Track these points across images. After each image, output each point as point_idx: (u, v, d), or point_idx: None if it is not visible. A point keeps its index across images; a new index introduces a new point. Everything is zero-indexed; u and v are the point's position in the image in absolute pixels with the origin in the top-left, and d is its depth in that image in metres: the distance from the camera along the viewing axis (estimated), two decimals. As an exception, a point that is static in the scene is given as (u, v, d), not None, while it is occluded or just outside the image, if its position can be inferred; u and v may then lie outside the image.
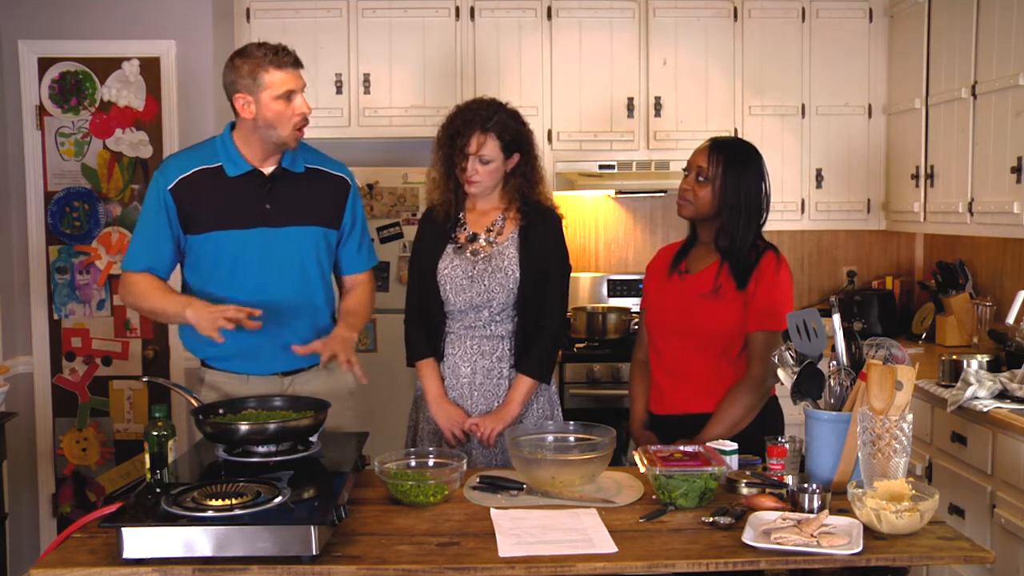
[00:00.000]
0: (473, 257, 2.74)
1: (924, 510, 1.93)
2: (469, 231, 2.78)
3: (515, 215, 2.78)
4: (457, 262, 2.74)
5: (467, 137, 2.67)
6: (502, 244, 2.75)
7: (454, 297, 2.74)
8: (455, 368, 2.78)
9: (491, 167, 2.70)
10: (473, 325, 2.76)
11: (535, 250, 2.74)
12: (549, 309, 2.77)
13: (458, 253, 2.75)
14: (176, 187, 2.54)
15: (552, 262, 2.77)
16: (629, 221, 4.75)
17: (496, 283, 2.71)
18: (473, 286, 2.72)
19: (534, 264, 2.73)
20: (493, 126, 2.67)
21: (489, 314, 2.74)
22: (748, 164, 2.61)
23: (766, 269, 2.57)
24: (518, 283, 2.72)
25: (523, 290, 2.73)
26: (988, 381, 3.06)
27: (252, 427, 2.21)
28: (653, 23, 4.32)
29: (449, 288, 2.74)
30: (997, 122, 3.49)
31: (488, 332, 2.76)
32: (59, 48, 3.97)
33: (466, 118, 2.69)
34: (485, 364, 2.76)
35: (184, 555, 1.80)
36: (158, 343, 4.06)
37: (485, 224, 2.78)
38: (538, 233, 2.76)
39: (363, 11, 4.26)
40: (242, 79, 2.50)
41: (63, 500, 4.08)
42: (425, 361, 2.78)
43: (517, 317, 2.76)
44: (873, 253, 4.80)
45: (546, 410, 2.81)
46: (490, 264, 2.73)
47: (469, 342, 2.77)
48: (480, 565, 1.82)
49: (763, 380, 2.53)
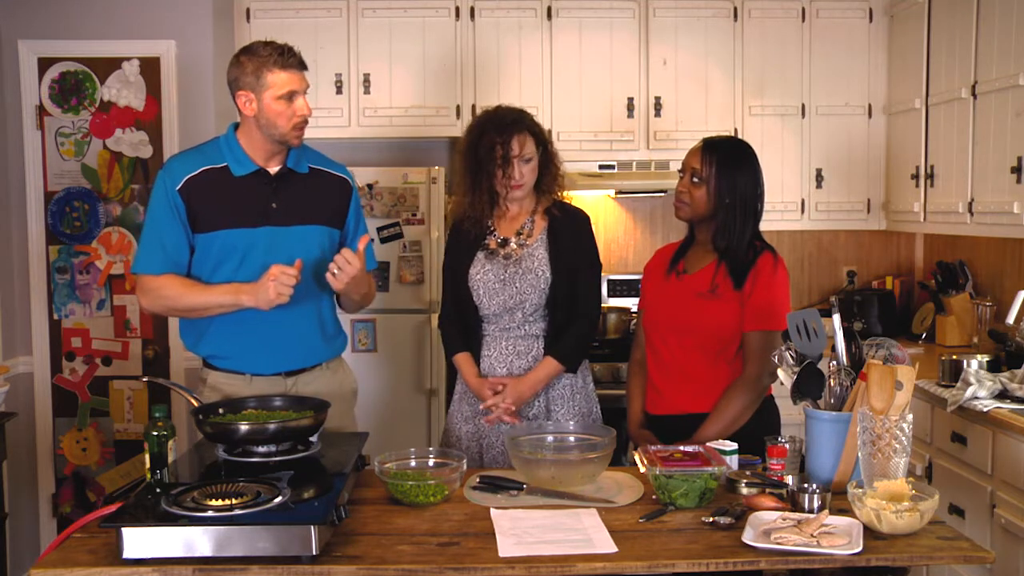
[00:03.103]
0: (505, 261, 2.79)
1: (924, 510, 1.93)
2: (499, 236, 2.83)
3: (543, 216, 2.83)
4: (488, 267, 2.78)
5: (509, 142, 2.70)
6: (532, 246, 2.80)
7: (487, 300, 2.78)
8: (491, 370, 2.81)
9: (532, 165, 2.76)
10: (508, 327, 2.80)
11: (564, 249, 2.79)
12: (582, 303, 2.80)
13: (489, 258, 2.80)
14: (184, 187, 2.55)
15: (582, 260, 2.82)
16: (629, 221, 4.76)
17: (528, 284, 2.76)
18: (505, 289, 2.76)
19: (564, 263, 2.78)
20: (526, 125, 2.75)
21: (523, 315, 2.78)
22: (742, 163, 2.61)
23: (763, 269, 2.57)
24: (549, 283, 2.76)
25: (554, 290, 2.77)
26: (988, 381, 3.06)
27: (252, 427, 2.21)
28: (653, 23, 4.32)
29: (482, 292, 2.78)
30: (997, 122, 3.49)
31: (523, 332, 2.80)
32: (59, 48, 3.97)
33: (499, 125, 2.73)
34: (521, 364, 2.79)
35: (184, 555, 1.80)
36: (158, 343, 4.06)
37: (515, 228, 2.83)
38: (566, 232, 2.81)
39: (363, 11, 4.26)
40: (246, 76, 2.50)
41: (63, 500, 4.08)
42: (462, 355, 2.84)
43: (549, 316, 2.80)
44: (873, 253, 4.80)
45: (582, 406, 2.84)
46: (521, 266, 2.77)
47: (504, 343, 2.81)
48: (480, 565, 1.82)
49: (759, 379, 2.53)
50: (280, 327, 2.59)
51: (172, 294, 2.55)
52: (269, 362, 2.63)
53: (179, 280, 2.56)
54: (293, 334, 2.62)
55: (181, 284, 2.55)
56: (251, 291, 2.45)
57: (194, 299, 2.54)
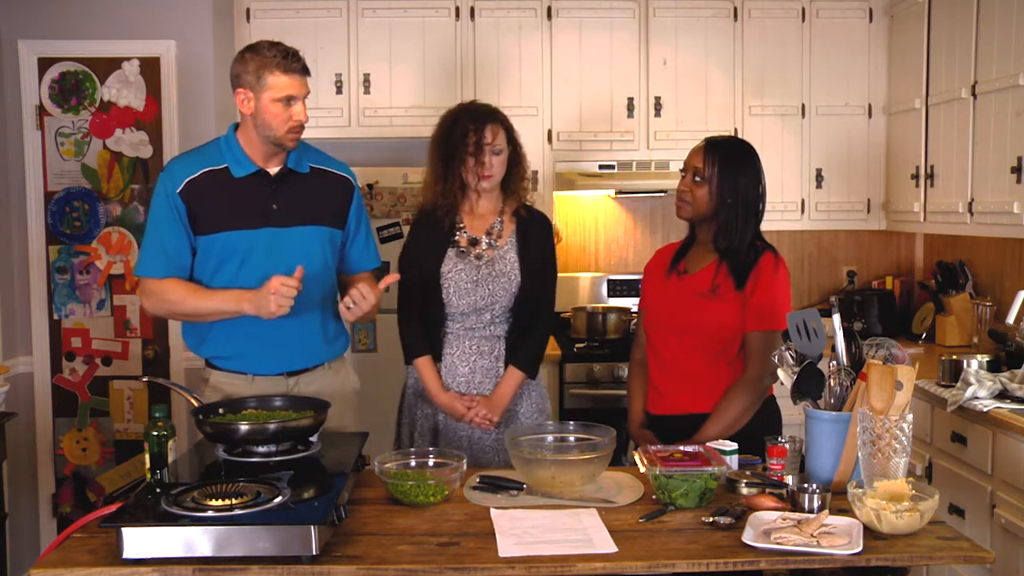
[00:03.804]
0: (477, 261, 2.80)
1: (924, 510, 1.93)
2: (469, 235, 2.84)
3: (511, 218, 2.86)
4: (461, 266, 2.79)
5: (482, 130, 2.74)
6: (503, 248, 2.83)
7: (457, 300, 2.79)
8: (452, 367, 2.82)
9: (502, 157, 2.79)
10: (473, 327, 2.82)
11: (532, 253, 2.84)
12: (543, 309, 2.87)
13: (461, 257, 2.81)
14: (184, 189, 2.54)
15: (546, 264, 2.88)
16: (629, 221, 4.76)
17: (500, 287, 2.79)
18: (478, 290, 2.78)
19: (531, 267, 2.83)
20: (499, 117, 2.80)
21: (491, 316, 2.81)
22: (744, 162, 2.61)
23: (764, 269, 2.57)
24: (519, 286, 2.80)
25: (522, 292, 2.81)
26: (988, 381, 3.06)
27: (252, 427, 2.21)
28: (653, 23, 4.32)
29: (453, 291, 2.79)
30: (997, 122, 3.49)
31: (487, 333, 2.83)
32: (59, 48, 3.97)
33: (473, 115, 2.78)
34: (484, 364, 2.82)
35: (184, 555, 1.80)
36: (158, 343, 4.06)
37: (484, 227, 2.85)
38: (534, 237, 2.86)
39: (363, 11, 4.26)
40: (247, 75, 2.50)
41: (63, 500, 4.08)
42: (424, 358, 2.83)
43: (513, 319, 2.84)
44: (873, 253, 4.80)
45: (538, 403, 2.90)
46: (493, 268, 2.80)
47: (468, 342, 2.82)
48: (480, 565, 1.82)
49: (760, 380, 2.53)
50: (282, 328, 2.58)
51: (175, 299, 2.55)
52: (271, 362, 2.63)
53: (182, 284, 2.55)
54: (295, 335, 2.61)
55: (184, 289, 2.55)
56: (252, 299, 2.45)
57: (196, 304, 2.54)
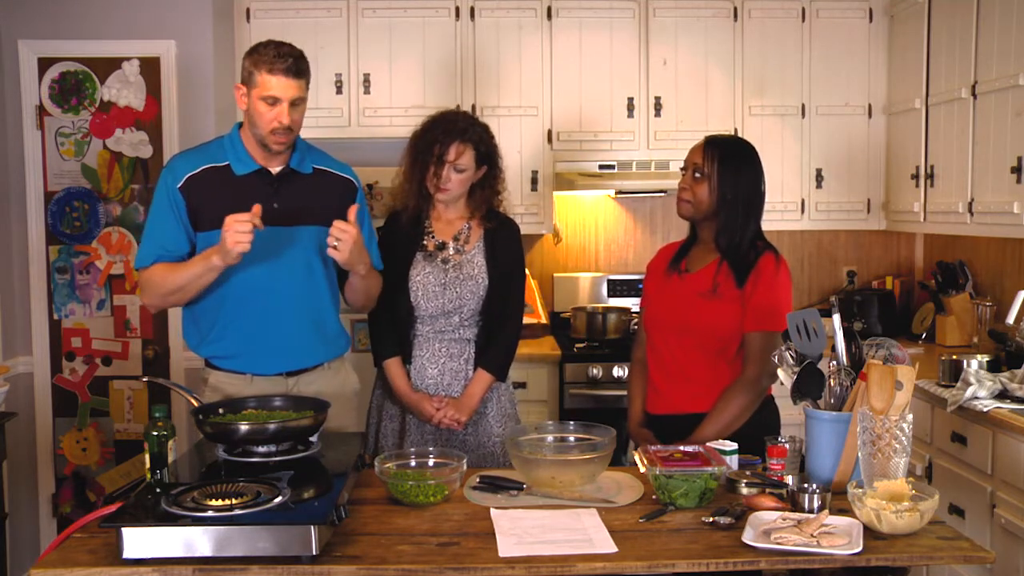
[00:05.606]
0: (444, 265, 2.84)
1: (924, 510, 1.93)
2: (437, 239, 2.88)
3: (479, 224, 2.89)
4: (429, 270, 2.83)
5: (447, 145, 2.76)
6: (470, 252, 2.86)
7: (425, 303, 2.83)
8: (422, 369, 2.86)
9: (464, 176, 2.81)
10: (443, 330, 2.86)
11: (500, 258, 2.87)
12: (511, 312, 2.91)
13: (428, 261, 2.85)
14: (185, 185, 2.55)
15: (514, 268, 2.91)
16: (629, 221, 4.75)
17: (467, 290, 2.83)
18: (445, 293, 2.82)
19: (499, 271, 2.86)
20: (471, 137, 2.79)
21: (459, 319, 2.85)
22: (744, 160, 2.61)
23: (765, 269, 2.56)
24: (487, 290, 2.84)
25: (490, 296, 2.85)
26: (988, 381, 3.06)
27: (252, 427, 2.21)
28: (653, 23, 4.32)
29: (421, 295, 2.82)
30: (997, 122, 3.49)
31: (456, 336, 2.87)
32: (59, 48, 3.97)
33: (446, 127, 2.79)
34: (453, 366, 2.86)
35: (184, 555, 1.80)
36: (158, 343, 4.06)
37: (452, 232, 2.89)
38: (502, 241, 2.89)
39: (363, 11, 4.26)
40: (245, 70, 2.54)
41: (63, 500, 4.08)
42: (393, 359, 2.86)
43: (482, 322, 2.87)
44: (873, 253, 4.80)
45: (506, 407, 2.93)
46: (461, 272, 2.83)
47: (437, 345, 2.86)
48: (480, 565, 1.82)
49: (759, 380, 2.53)
50: (282, 328, 2.59)
51: (158, 280, 2.55)
52: (271, 362, 2.63)
53: (164, 265, 2.55)
54: (295, 334, 2.62)
55: (165, 268, 2.55)
56: (217, 249, 2.42)
57: (175, 277, 2.52)
